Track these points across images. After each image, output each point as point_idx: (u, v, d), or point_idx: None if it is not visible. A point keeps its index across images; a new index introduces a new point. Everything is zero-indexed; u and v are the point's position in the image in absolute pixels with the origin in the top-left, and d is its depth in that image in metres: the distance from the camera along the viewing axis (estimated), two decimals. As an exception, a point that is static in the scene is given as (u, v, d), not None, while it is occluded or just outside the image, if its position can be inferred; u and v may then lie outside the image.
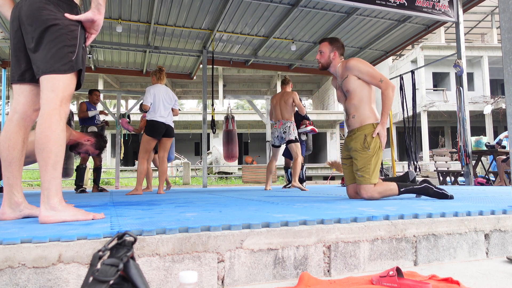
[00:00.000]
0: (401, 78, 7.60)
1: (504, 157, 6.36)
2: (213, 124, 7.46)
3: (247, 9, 6.55)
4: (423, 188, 2.66)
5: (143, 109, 4.68)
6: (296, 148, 5.11)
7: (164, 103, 4.64)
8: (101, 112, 6.09)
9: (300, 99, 5.34)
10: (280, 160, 7.29)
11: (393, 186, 2.72)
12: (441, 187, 3.88)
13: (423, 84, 18.21)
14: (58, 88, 1.59)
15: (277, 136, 5.18)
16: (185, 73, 9.58)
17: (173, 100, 4.78)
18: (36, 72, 1.63)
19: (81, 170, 5.80)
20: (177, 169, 16.69)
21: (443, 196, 2.58)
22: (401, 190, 2.71)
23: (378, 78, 2.78)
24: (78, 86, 1.72)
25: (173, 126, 4.80)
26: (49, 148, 1.53)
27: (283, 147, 5.48)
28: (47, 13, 1.60)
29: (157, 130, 4.61)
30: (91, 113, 5.81)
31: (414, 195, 2.86)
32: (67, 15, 1.63)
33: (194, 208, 2.15)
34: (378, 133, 2.74)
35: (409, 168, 7.33)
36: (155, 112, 4.59)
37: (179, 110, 5.04)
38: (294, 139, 5.10)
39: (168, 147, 4.87)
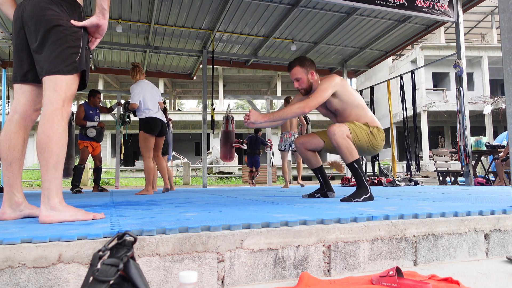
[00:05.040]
0: (401, 78, 7.60)
1: (500, 155, 6.31)
2: (212, 125, 7.47)
3: (247, 9, 6.55)
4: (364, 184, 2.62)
5: (129, 109, 4.53)
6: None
7: (153, 99, 4.59)
8: (99, 124, 5.95)
9: None
10: (279, 161, 7.92)
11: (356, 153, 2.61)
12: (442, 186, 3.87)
13: (423, 84, 18.21)
14: (61, 89, 1.59)
15: (289, 143, 6.14)
16: (185, 73, 9.58)
17: (159, 94, 4.78)
18: (39, 73, 1.63)
19: (79, 170, 5.73)
20: (177, 169, 16.70)
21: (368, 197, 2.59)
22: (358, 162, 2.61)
23: (313, 95, 2.63)
24: (83, 86, 1.73)
25: (166, 123, 4.82)
26: (50, 148, 1.53)
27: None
28: (51, 14, 1.60)
29: (155, 126, 4.57)
30: (89, 123, 5.78)
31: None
32: (72, 21, 1.63)
33: (194, 208, 2.15)
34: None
35: (404, 169, 7.40)
36: (149, 109, 4.52)
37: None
38: None
39: (161, 145, 4.89)
